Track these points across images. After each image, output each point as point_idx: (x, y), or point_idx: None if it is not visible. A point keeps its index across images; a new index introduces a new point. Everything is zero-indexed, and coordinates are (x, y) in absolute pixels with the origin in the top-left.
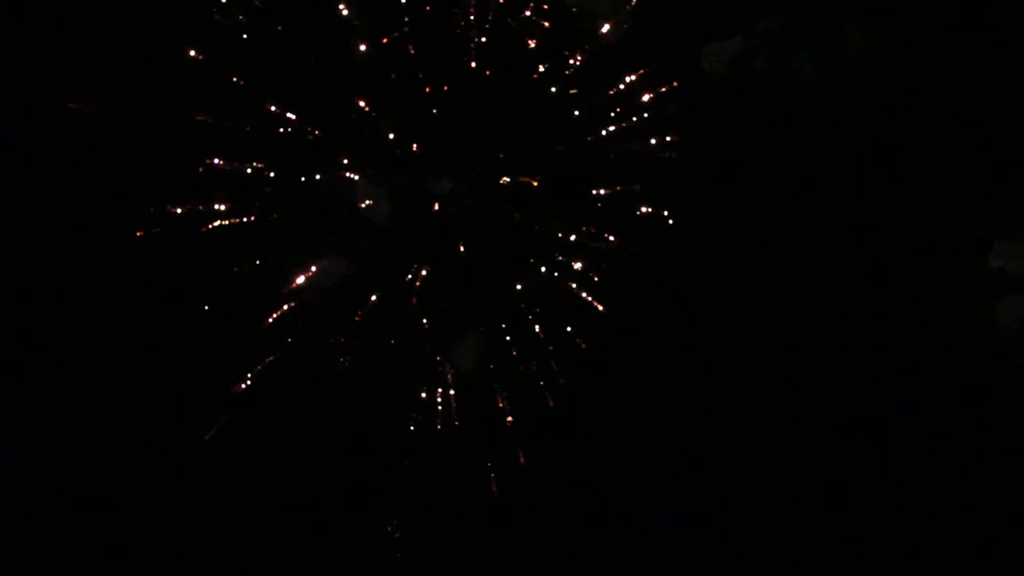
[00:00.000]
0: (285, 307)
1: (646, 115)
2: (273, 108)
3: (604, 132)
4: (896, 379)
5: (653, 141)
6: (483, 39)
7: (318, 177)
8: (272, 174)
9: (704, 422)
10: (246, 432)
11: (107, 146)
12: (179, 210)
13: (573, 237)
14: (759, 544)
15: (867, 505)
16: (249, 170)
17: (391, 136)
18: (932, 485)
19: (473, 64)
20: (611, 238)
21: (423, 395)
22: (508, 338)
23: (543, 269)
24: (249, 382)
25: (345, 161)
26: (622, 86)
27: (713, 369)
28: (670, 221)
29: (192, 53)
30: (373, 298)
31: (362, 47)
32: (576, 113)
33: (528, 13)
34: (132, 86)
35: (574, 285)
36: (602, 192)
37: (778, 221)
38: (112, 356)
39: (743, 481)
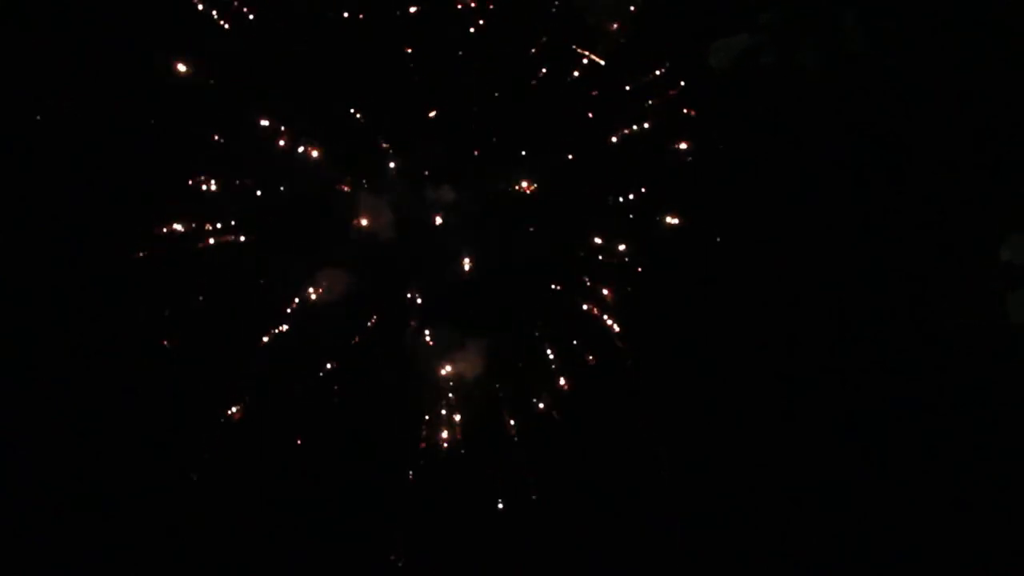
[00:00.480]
0: (285, 326)
1: (648, 124)
2: (271, 123)
3: (613, 137)
4: (896, 379)
5: (663, 144)
6: (483, 40)
7: (318, 191)
8: (272, 189)
9: (704, 422)
10: (248, 446)
11: (108, 163)
12: (178, 227)
13: (581, 252)
14: (759, 544)
15: (867, 505)
16: (250, 185)
17: (390, 147)
18: (932, 485)
19: (473, 69)
20: (621, 248)
21: (425, 410)
22: (512, 350)
23: (550, 283)
24: (249, 396)
25: (344, 176)
26: (629, 87)
27: (713, 369)
28: (676, 225)
29: (187, 69)
30: (376, 311)
31: (360, 58)
32: (582, 116)
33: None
34: (134, 102)
35: (575, 298)
36: (609, 200)
37: (781, 221)
38: (114, 368)
39: (743, 481)
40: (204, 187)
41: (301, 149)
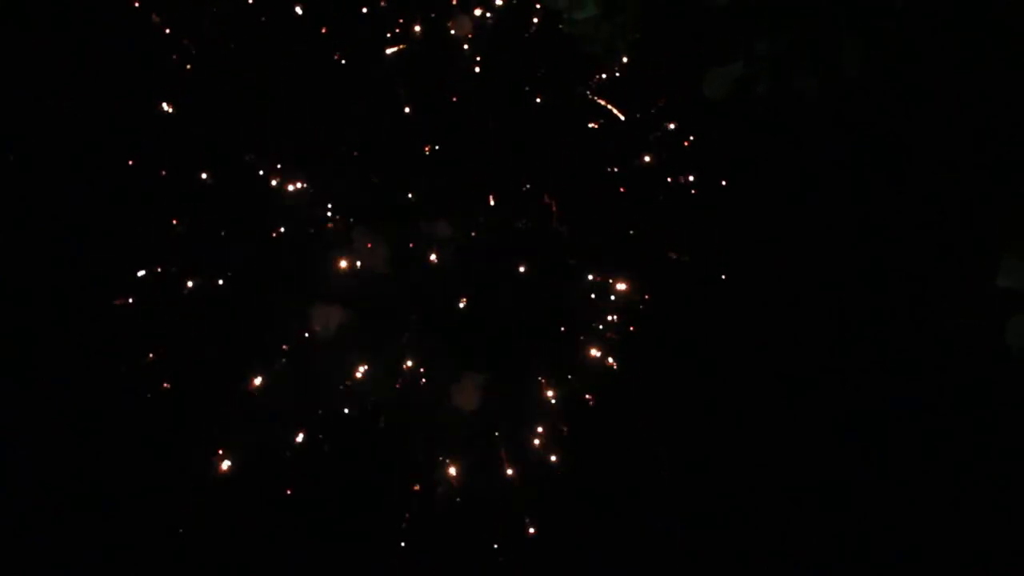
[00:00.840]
0: (284, 359)
1: (647, 158)
2: (260, 159)
3: (611, 169)
4: (896, 379)
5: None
6: (480, 72)
7: (311, 227)
8: (264, 225)
9: (704, 422)
10: (241, 488)
11: (100, 203)
12: (165, 267)
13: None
14: (759, 544)
15: (867, 505)
16: (244, 223)
17: (383, 182)
18: (932, 485)
19: (470, 100)
20: (621, 287)
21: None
22: (509, 387)
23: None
24: (242, 438)
25: (334, 212)
26: (625, 118)
27: (713, 369)
28: (678, 259)
29: (172, 109)
30: (371, 346)
31: (353, 92)
32: (580, 148)
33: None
34: (128, 126)
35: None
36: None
37: (781, 222)
38: (105, 403)
39: (743, 481)
40: (190, 225)
41: (291, 187)
